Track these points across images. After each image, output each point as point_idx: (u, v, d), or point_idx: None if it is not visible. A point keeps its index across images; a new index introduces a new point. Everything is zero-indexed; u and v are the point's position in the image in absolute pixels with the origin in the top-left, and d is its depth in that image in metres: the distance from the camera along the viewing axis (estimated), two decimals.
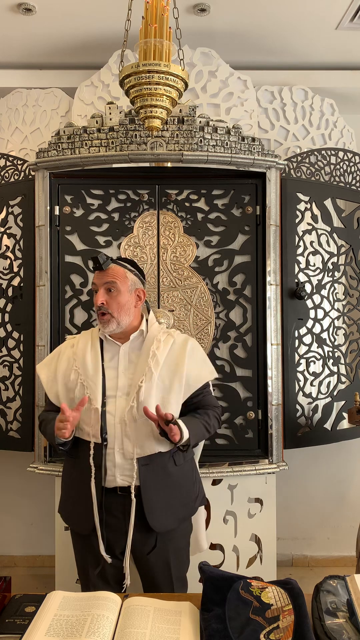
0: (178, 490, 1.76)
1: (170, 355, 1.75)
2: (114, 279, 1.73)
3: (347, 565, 3.11)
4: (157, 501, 1.70)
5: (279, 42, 2.72)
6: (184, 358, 1.75)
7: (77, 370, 1.75)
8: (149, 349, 1.73)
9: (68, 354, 1.82)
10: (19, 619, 1.16)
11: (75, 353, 1.79)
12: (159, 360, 1.71)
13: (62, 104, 2.83)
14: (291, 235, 2.53)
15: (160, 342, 1.75)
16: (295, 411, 2.52)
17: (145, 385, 1.68)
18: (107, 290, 1.73)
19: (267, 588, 1.18)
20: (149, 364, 1.70)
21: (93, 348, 1.78)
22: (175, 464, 1.76)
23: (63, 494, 1.86)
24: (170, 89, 1.61)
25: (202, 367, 1.81)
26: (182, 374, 1.73)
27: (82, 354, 1.78)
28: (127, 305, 1.74)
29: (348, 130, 2.93)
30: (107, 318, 1.72)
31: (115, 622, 1.13)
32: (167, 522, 1.72)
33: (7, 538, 3.12)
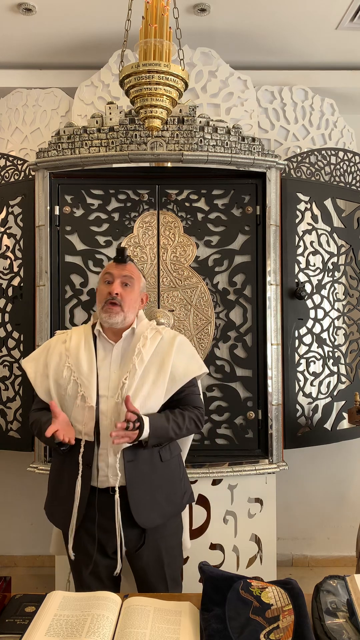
0: (164, 486, 1.76)
1: (157, 351, 1.75)
2: (131, 275, 1.77)
3: (347, 565, 3.11)
4: (142, 497, 1.69)
5: (279, 42, 2.72)
6: (171, 354, 1.75)
7: (70, 367, 1.73)
8: (136, 346, 1.74)
9: (59, 349, 1.79)
10: (19, 619, 1.16)
11: (68, 349, 1.77)
12: (144, 357, 1.72)
13: (62, 104, 2.83)
14: (291, 235, 2.53)
15: (147, 339, 1.75)
16: (295, 411, 2.52)
17: (129, 382, 1.68)
18: (122, 284, 1.75)
19: (267, 588, 1.18)
20: (134, 361, 1.71)
21: (87, 345, 1.76)
22: (161, 459, 1.75)
23: (50, 492, 1.85)
24: (170, 89, 1.61)
25: (189, 362, 1.80)
26: (167, 370, 1.73)
27: (76, 351, 1.75)
28: (135, 304, 1.78)
29: (348, 130, 2.93)
30: (117, 309, 1.72)
31: (115, 622, 1.13)
32: (153, 518, 1.71)
33: (7, 538, 3.12)
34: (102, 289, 1.77)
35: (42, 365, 1.80)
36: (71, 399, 1.71)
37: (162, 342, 1.78)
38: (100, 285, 1.79)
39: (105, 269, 1.80)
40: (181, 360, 1.77)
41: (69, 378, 1.72)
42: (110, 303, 1.72)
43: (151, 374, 1.72)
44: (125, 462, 1.67)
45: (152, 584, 1.78)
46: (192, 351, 1.85)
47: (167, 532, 1.79)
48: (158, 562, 1.76)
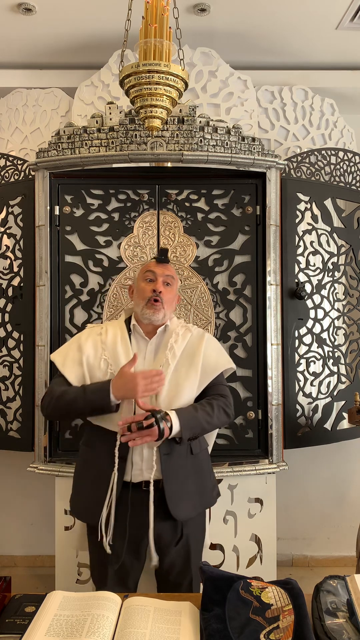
0: (195, 478, 1.80)
1: (188, 346, 1.83)
2: (172, 275, 1.87)
3: (347, 565, 3.11)
4: (178, 489, 1.73)
5: (279, 42, 2.72)
6: (201, 348, 1.83)
7: (107, 360, 1.77)
8: (168, 342, 1.82)
9: (95, 340, 1.83)
10: (19, 619, 1.16)
11: (104, 342, 1.81)
12: (176, 352, 1.79)
13: (62, 104, 2.83)
14: (291, 235, 2.53)
15: (179, 336, 1.83)
16: (295, 411, 2.52)
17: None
18: (164, 283, 1.83)
19: (267, 588, 1.18)
20: (167, 356, 1.78)
21: (123, 340, 1.81)
22: (192, 452, 1.80)
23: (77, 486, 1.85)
24: (170, 88, 1.61)
25: (218, 356, 1.89)
26: (198, 364, 1.80)
27: (113, 345, 1.80)
28: (173, 303, 1.88)
29: (348, 130, 2.93)
30: (159, 306, 1.79)
31: (115, 622, 1.13)
32: (187, 510, 1.76)
33: (7, 538, 3.12)
34: (144, 287, 1.83)
35: (74, 350, 1.82)
36: None
37: (192, 338, 1.86)
38: (141, 283, 1.84)
39: (146, 267, 1.87)
40: (211, 355, 1.85)
41: (105, 371, 1.76)
42: (154, 300, 1.79)
43: (183, 367, 1.79)
44: (162, 454, 1.71)
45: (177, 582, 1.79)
46: (220, 347, 1.95)
47: (195, 528, 1.83)
48: (186, 558, 1.79)
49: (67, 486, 2.40)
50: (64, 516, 2.41)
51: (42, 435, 2.40)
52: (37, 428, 2.41)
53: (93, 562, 1.84)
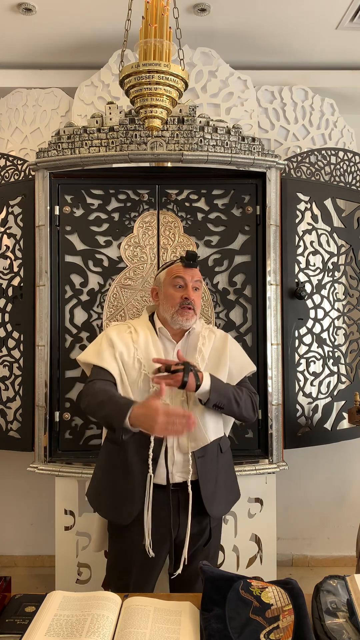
0: (225, 475, 1.84)
1: (214, 349, 1.85)
2: (200, 280, 1.86)
3: (347, 565, 3.11)
4: (212, 490, 1.76)
5: (279, 42, 2.72)
6: (226, 352, 1.85)
7: (140, 360, 1.76)
8: (196, 344, 1.83)
9: (126, 338, 1.81)
10: (19, 619, 1.16)
11: (136, 342, 1.79)
12: (205, 355, 1.81)
13: (62, 104, 2.83)
14: (291, 235, 2.53)
15: (205, 339, 1.85)
16: (295, 411, 2.52)
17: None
18: (193, 289, 1.82)
19: (267, 588, 1.18)
20: (197, 360, 1.79)
21: (155, 343, 1.80)
22: (221, 450, 1.84)
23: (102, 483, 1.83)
24: (170, 88, 1.61)
25: (242, 359, 1.93)
26: (225, 366, 1.83)
27: (145, 345, 1.79)
28: (200, 306, 1.87)
29: (348, 130, 2.93)
30: (191, 313, 1.79)
31: (115, 622, 1.13)
32: (222, 508, 1.80)
33: (7, 538, 3.12)
34: (173, 294, 1.80)
35: (105, 345, 1.79)
36: (141, 393, 1.73)
37: (216, 340, 1.89)
38: (170, 289, 1.81)
39: (175, 272, 1.83)
40: (236, 358, 1.89)
41: (139, 371, 1.75)
42: (187, 308, 1.78)
43: (211, 370, 1.79)
44: (197, 458, 1.73)
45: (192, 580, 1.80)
46: (241, 349, 1.99)
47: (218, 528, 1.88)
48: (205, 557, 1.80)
49: (67, 486, 2.40)
50: (64, 516, 2.42)
51: (42, 435, 2.40)
52: (37, 428, 2.41)
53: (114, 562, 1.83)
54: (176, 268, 1.84)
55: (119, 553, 1.80)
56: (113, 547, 1.85)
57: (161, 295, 1.86)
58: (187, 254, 1.81)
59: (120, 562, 1.80)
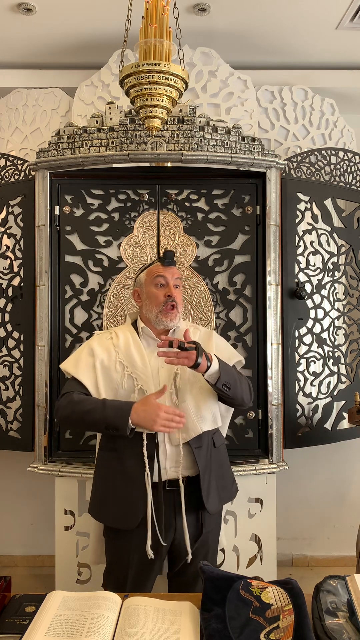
0: (218, 472, 1.83)
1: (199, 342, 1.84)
2: (180, 278, 1.88)
3: (347, 565, 3.11)
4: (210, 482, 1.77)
5: (279, 42, 2.72)
6: (212, 343, 1.87)
7: (122, 363, 1.77)
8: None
9: (107, 344, 1.83)
10: (19, 619, 1.16)
11: (117, 346, 1.81)
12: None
13: (62, 104, 2.83)
14: (291, 235, 2.53)
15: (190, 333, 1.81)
16: (295, 411, 2.52)
17: (181, 372, 1.77)
18: (174, 287, 1.83)
19: (267, 588, 1.18)
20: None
21: (135, 343, 1.82)
22: (215, 445, 1.84)
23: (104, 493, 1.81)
24: (171, 88, 1.61)
25: (228, 350, 1.94)
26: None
27: (126, 347, 1.80)
28: (181, 303, 1.87)
29: (348, 130, 2.93)
30: (175, 312, 1.80)
31: (115, 622, 1.13)
32: (216, 503, 1.80)
33: (7, 538, 3.12)
34: (156, 293, 1.81)
35: (86, 355, 1.81)
36: (127, 393, 1.75)
37: (201, 335, 1.91)
38: (152, 289, 1.82)
39: (155, 272, 1.84)
40: (221, 349, 1.89)
41: (122, 372, 1.76)
42: (170, 307, 1.78)
43: None
44: (194, 449, 1.74)
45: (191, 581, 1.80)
46: (227, 342, 2.02)
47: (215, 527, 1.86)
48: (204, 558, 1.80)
49: (67, 486, 2.40)
50: (64, 516, 2.42)
51: (42, 435, 2.40)
52: (37, 428, 2.41)
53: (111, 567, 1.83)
54: (155, 268, 1.85)
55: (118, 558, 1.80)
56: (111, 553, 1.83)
57: (143, 296, 1.86)
58: (165, 253, 1.83)
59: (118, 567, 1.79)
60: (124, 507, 1.73)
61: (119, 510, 1.74)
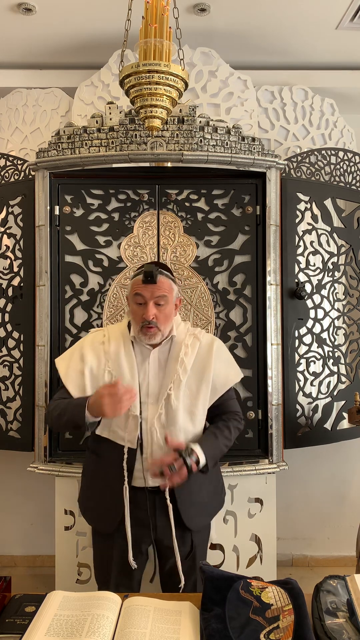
0: (208, 486, 1.80)
1: (198, 359, 1.77)
2: (164, 293, 1.71)
3: (347, 565, 3.11)
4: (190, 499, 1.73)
5: (279, 42, 2.72)
6: (211, 361, 1.76)
7: (110, 372, 1.73)
8: (178, 355, 1.74)
9: (98, 350, 1.77)
10: (19, 619, 1.16)
11: (107, 352, 1.76)
12: (187, 367, 1.73)
13: (62, 104, 2.83)
14: (291, 235, 2.53)
15: (188, 347, 1.76)
16: (295, 411, 2.52)
17: (174, 392, 1.70)
18: (156, 304, 1.70)
19: (267, 588, 1.18)
20: (177, 371, 1.72)
21: (127, 351, 1.75)
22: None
23: (85, 493, 1.84)
24: (171, 88, 1.61)
25: (228, 369, 1.83)
26: (209, 379, 1.75)
27: (116, 355, 1.75)
28: (171, 315, 1.75)
29: (348, 130, 2.93)
30: (154, 331, 1.69)
31: (115, 622, 1.13)
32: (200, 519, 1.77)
33: (7, 538, 3.12)
34: (135, 310, 1.73)
35: (76, 360, 1.78)
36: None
37: (201, 348, 1.78)
38: (133, 305, 1.74)
39: (135, 288, 1.72)
40: (221, 369, 1.79)
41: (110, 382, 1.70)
42: (147, 327, 1.69)
43: (194, 383, 1.74)
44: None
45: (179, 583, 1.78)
46: (229, 356, 1.88)
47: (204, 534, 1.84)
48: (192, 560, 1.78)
49: (67, 486, 2.40)
50: (64, 516, 2.42)
51: (42, 435, 2.40)
52: (37, 428, 2.41)
53: (96, 563, 1.85)
54: (136, 283, 1.73)
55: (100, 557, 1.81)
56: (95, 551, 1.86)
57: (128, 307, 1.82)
58: (144, 272, 1.69)
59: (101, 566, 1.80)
60: (103, 509, 1.74)
61: (98, 512, 1.77)
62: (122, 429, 1.70)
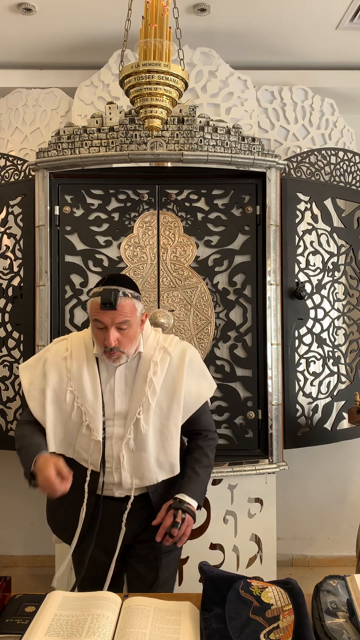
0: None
1: (168, 377, 1.65)
2: (125, 317, 1.56)
3: (347, 565, 3.11)
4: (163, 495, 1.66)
5: (279, 42, 2.72)
6: (182, 377, 1.65)
7: (73, 392, 1.62)
8: (146, 373, 1.63)
9: (60, 366, 1.66)
10: (19, 619, 1.16)
11: (70, 370, 1.64)
12: (156, 387, 1.62)
13: (62, 104, 2.83)
14: (291, 235, 2.53)
15: (157, 365, 1.63)
16: (295, 411, 2.52)
17: (143, 416, 1.60)
18: (117, 329, 1.56)
19: (267, 588, 1.18)
20: (146, 393, 1.61)
21: (90, 368, 1.64)
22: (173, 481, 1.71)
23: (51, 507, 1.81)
24: (170, 88, 1.61)
25: (200, 383, 1.71)
26: (180, 396, 1.64)
27: (78, 373, 1.63)
28: (136, 336, 1.61)
29: (348, 130, 2.93)
30: (117, 355, 1.57)
31: (115, 622, 1.13)
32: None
33: (7, 538, 3.12)
34: (96, 333, 1.59)
35: (38, 376, 1.68)
36: (75, 426, 1.62)
37: (171, 364, 1.66)
38: (94, 328, 1.60)
39: (93, 313, 1.57)
40: (192, 384, 1.68)
41: (72, 404, 1.62)
42: (109, 353, 1.57)
43: (165, 403, 1.64)
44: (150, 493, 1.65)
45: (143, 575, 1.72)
46: (202, 368, 1.75)
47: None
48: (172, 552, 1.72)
49: None
50: None
51: None
52: None
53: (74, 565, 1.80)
54: (94, 307, 1.57)
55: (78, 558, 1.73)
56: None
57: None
58: (101, 299, 1.53)
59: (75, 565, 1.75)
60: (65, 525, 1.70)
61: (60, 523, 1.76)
62: (85, 451, 1.62)
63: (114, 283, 1.58)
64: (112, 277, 1.62)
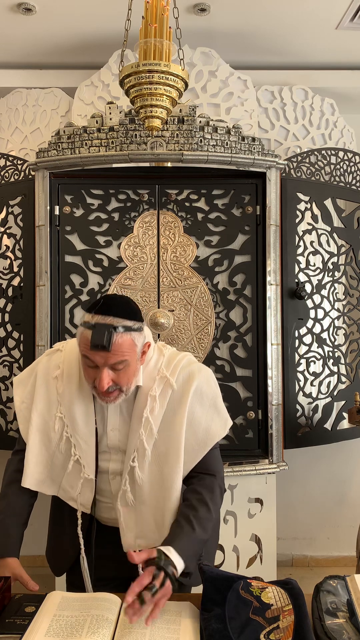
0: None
1: (169, 412, 1.37)
2: (122, 357, 1.26)
3: (347, 565, 3.11)
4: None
5: (279, 42, 2.72)
6: (184, 416, 1.36)
7: (62, 419, 1.39)
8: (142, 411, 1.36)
9: (50, 387, 1.42)
10: (19, 619, 1.15)
11: (60, 394, 1.40)
12: (153, 428, 1.36)
13: (62, 104, 2.83)
14: (291, 235, 2.53)
15: (156, 401, 1.36)
16: (296, 411, 2.52)
17: (138, 463, 1.36)
18: (113, 370, 1.28)
19: (267, 588, 1.18)
20: (141, 436, 1.35)
21: (82, 394, 1.39)
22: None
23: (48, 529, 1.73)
24: (170, 88, 1.61)
25: (211, 417, 1.40)
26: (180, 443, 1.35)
27: (69, 398, 1.39)
28: (136, 370, 1.34)
29: (348, 130, 2.93)
30: (114, 395, 1.31)
31: (115, 623, 1.13)
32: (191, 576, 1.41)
33: None
34: (86, 370, 1.31)
35: (28, 393, 1.47)
36: (64, 458, 1.42)
37: (172, 397, 1.38)
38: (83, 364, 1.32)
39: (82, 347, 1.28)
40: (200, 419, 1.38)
41: (61, 433, 1.40)
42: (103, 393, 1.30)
43: (163, 445, 1.37)
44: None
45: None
46: (214, 399, 1.42)
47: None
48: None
49: None
50: None
51: None
52: None
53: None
54: (84, 342, 1.26)
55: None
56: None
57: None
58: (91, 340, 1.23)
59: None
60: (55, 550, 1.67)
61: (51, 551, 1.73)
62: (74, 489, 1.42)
63: (109, 312, 1.25)
64: (108, 304, 1.27)
